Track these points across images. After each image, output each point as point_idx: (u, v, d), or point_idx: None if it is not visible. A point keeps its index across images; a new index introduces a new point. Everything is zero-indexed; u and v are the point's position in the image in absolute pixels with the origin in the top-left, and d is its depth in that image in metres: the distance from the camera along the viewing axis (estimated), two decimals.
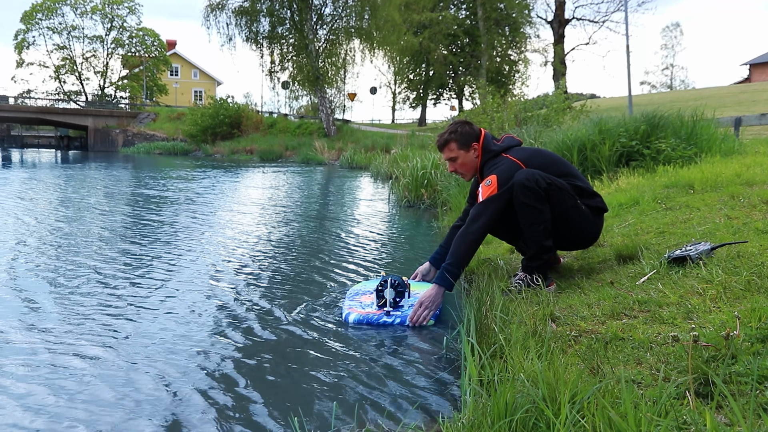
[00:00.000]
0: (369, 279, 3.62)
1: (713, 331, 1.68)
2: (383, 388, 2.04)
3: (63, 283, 3.53)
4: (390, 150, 17.17)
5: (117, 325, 2.73)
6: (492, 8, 34.81)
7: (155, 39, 53.46)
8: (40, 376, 2.15)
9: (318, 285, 3.57)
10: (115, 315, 2.89)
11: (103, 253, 4.44)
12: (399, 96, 43.55)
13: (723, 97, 22.81)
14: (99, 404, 1.92)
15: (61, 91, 53.29)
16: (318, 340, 2.56)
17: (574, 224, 2.78)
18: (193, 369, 2.23)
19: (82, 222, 6.20)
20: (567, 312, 2.30)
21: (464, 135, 2.92)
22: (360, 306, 2.90)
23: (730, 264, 2.29)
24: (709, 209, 3.35)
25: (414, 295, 2.99)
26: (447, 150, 2.97)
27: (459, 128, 2.94)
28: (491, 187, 2.74)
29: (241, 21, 28.29)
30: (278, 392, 2.03)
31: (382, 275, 2.93)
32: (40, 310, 2.97)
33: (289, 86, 31.33)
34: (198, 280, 3.67)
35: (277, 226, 6.37)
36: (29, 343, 2.49)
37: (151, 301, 3.17)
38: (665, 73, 68.49)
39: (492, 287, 2.50)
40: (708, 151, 5.56)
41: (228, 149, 29.09)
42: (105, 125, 40.87)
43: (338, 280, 3.70)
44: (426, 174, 8.00)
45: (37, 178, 13.12)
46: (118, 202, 8.39)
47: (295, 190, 11.37)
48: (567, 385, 1.43)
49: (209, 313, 2.97)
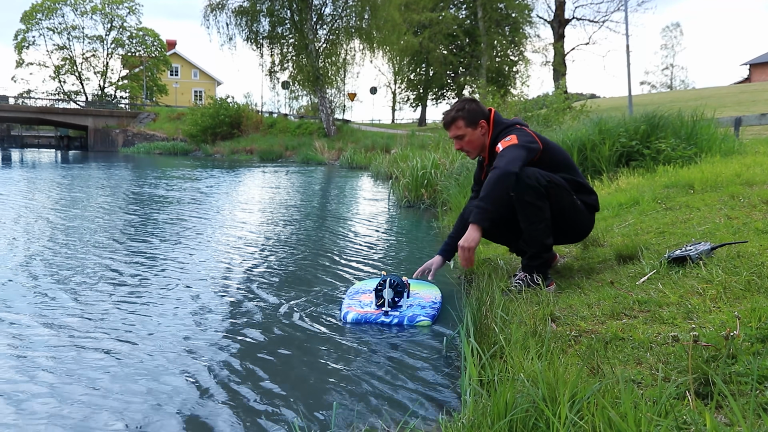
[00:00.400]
0: (370, 278, 3.63)
1: (713, 331, 1.68)
2: (383, 388, 2.04)
3: (79, 280, 3.53)
4: (390, 150, 17.17)
5: (129, 320, 2.73)
6: (492, 8, 34.79)
7: (155, 39, 53.46)
8: (65, 369, 2.18)
9: (318, 284, 3.56)
10: (129, 310, 2.90)
11: (114, 252, 4.44)
12: (399, 96, 43.53)
13: (723, 97, 22.81)
14: (112, 396, 1.93)
15: (61, 91, 53.29)
16: (318, 340, 2.56)
17: (569, 220, 2.80)
18: (193, 368, 2.23)
19: (90, 221, 6.20)
20: (567, 312, 2.30)
21: (471, 112, 2.89)
22: (359, 305, 2.90)
23: (730, 264, 2.29)
24: (709, 209, 3.35)
25: (414, 295, 2.99)
26: (454, 128, 2.93)
27: (466, 105, 2.91)
28: (511, 141, 2.72)
29: (241, 21, 28.28)
30: (278, 392, 2.03)
31: (383, 275, 2.92)
32: (59, 307, 3.00)
33: (289, 86, 31.33)
34: (202, 278, 3.67)
35: (278, 225, 6.37)
36: (52, 337, 2.52)
37: (157, 298, 3.17)
38: (665, 73, 68.51)
39: (492, 287, 2.50)
40: (708, 151, 5.56)
41: (228, 149, 29.08)
42: (105, 125, 40.86)
43: (339, 279, 3.70)
44: (426, 174, 7.99)
45: (38, 177, 13.12)
46: (123, 202, 8.39)
47: (296, 190, 11.37)
48: (567, 385, 1.43)
49: (210, 311, 2.97)
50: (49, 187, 10.80)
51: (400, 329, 2.69)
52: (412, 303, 2.88)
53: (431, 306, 2.86)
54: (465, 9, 37.67)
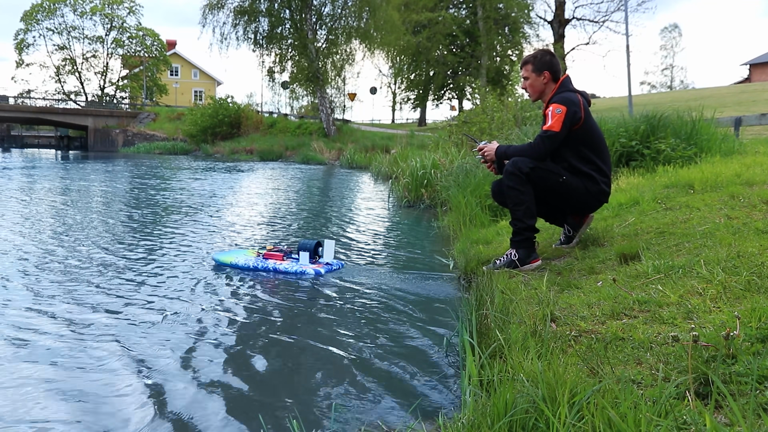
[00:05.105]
0: (232, 251, 4.33)
1: (713, 331, 1.68)
2: (383, 388, 2.03)
3: (82, 277, 3.53)
4: (390, 150, 17.17)
5: (128, 319, 2.73)
6: (492, 8, 34.75)
7: (155, 39, 53.42)
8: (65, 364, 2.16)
9: (317, 283, 3.56)
10: (129, 311, 2.89)
11: (118, 247, 4.44)
12: (399, 96, 43.49)
13: (723, 97, 22.79)
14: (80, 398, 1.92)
15: (61, 91, 53.27)
16: (318, 340, 2.56)
17: (563, 196, 3.15)
18: (193, 368, 2.23)
19: (93, 218, 6.19)
20: (567, 312, 2.29)
21: (540, 61, 3.19)
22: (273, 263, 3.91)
23: (730, 264, 2.29)
24: (709, 209, 3.35)
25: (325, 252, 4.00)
26: (524, 69, 3.25)
27: (539, 55, 3.23)
28: (558, 120, 3.02)
29: (241, 21, 28.25)
30: (278, 392, 2.03)
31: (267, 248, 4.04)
32: (62, 302, 3.00)
33: (289, 86, 31.30)
34: (202, 278, 3.67)
35: (278, 225, 6.36)
36: (54, 332, 2.50)
37: (158, 298, 3.17)
38: (665, 73, 68.46)
39: (492, 287, 2.50)
40: (708, 151, 5.55)
41: (228, 149, 29.08)
42: (105, 125, 40.82)
43: (339, 278, 3.70)
44: (426, 174, 7.99)
45: (41, 177, 13.11)
46: (125, 200, 8.38)
47: (296, 190, 11.37)
48: (567, 385, 1.43)
49: (211, 311, 2.97)
50: (51, 186, 10.79)
51: (401, 331, 2.70)
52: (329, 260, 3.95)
53: (326, 265, 3.88)
54: (465, 9, 37.64)
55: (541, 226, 3.43)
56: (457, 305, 2.99)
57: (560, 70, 3.24)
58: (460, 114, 16.63)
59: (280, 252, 4.02)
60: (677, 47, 71.07)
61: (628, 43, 10.14)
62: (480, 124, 10.81)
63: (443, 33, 35.17)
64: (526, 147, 3.14)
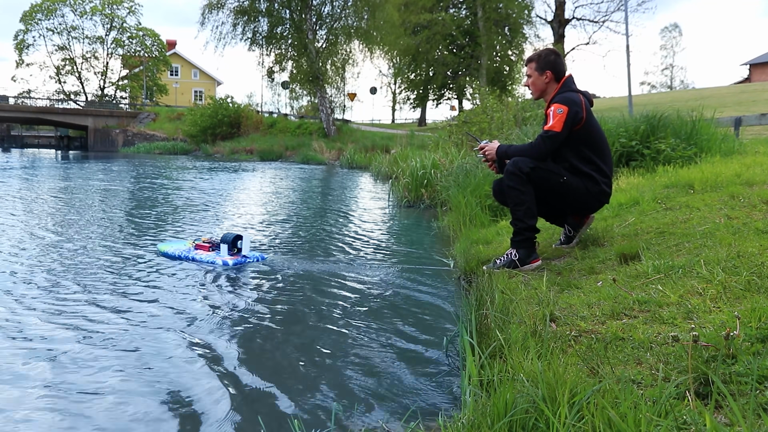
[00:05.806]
0: (172, 242, 4.70)
1: (713, 331, 1.68)
2: (383, 387, 2.04)
3: (80, 277, 3.54)
4: (390, 150, 17.17)
5: (128, 316, 2.73)
6: (492, 8, 34.72)
7: (155, 39, 53.42)
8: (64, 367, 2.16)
9: (318, 284, 3.57)
10: (128, 309, 2.89)
11: (118, 247, 4.45)
12: (399, 96, 43.47)
13: (723, 97, 22.79)
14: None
15: (61, 91, 53.26)
16: (318, 340, 2.56)
17: (564, 196, 3.16)
18: (192, 367, 2.23)
19: (93, 218, 6.19)
20: (567, 312, 2.29)
21: (543, 60, 3.22)
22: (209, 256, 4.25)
23: (730, 264, 2.29)
24: (709, 209, 3.35)
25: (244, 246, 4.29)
26: (528, 66, 3.30)
27: (544, 54, 3.26)
28: (559, 120, 3.02)
29: (240, 21, 28.24)
30: (278, 392, 2.03)
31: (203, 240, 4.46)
32: (61, 301, 2.99)
33: (289, 86, 31.29)
34: (202, 277, 3.67)
35: (278, 224, 6.36)
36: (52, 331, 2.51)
37: (157, 297, 3.17)
38: (665, 73, 68.45)
39: (492, 287, 2.50)
40: (708, 151, 5.55)
41: (228, 149, 29.07)
42: (105, 125, 40.82)
43: (339, 279, 3.70)
44: (426, 174, 7.99)
45: (41, 177, 13.11)
46: (127, 200, 8.38)
47: (296, 190, 11.37)
48: (567, 385, 1.43)
49: (210, 310, 2.97)
50: (52, 186, 10.80)
51: (401, 330, 2.70)
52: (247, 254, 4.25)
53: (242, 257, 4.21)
54: (465, 9, 37.62)
55: (541, 226, 3.42)
56: (457, 305, 2.99)
57: (563, 71, 3.25)
58: (460, 114, 16.62)
59: (211, 243, 4.46)
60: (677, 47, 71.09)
61: (628, 43, 10.14)
62: (480, 124, 10.81)
63: (442, 34, 35.13)
64: (527, 147, 3.16)
